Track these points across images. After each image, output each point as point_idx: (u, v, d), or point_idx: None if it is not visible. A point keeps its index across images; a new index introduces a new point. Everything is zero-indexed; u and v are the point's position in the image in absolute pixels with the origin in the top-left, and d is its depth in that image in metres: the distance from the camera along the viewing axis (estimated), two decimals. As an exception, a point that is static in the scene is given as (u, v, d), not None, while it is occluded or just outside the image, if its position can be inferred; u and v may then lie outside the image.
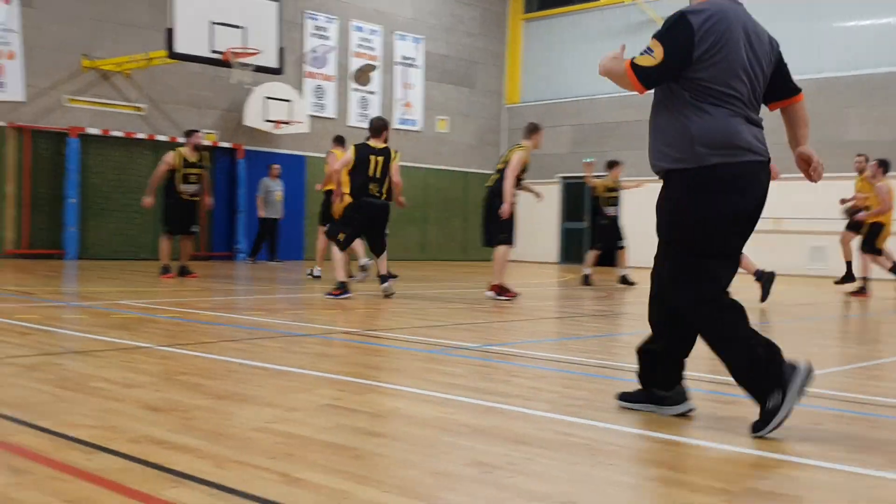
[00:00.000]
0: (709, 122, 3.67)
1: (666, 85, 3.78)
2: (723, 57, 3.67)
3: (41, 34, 17.08)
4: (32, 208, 17.06)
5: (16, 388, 4.17)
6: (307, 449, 3.19)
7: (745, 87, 3.75)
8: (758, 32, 3.85)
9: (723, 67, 3.67)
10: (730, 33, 3.69)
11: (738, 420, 3.91)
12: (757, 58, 3.80)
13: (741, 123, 3.73)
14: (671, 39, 3.69)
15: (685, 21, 3.69)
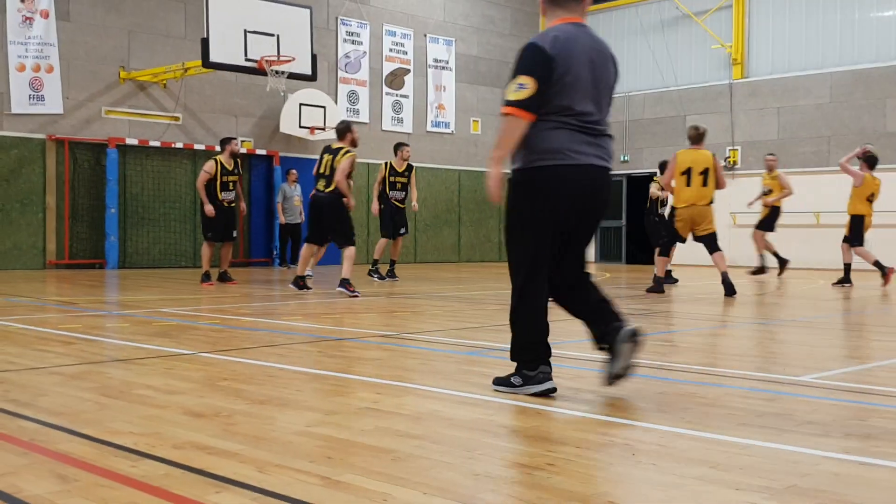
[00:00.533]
0: (537, 132, 4.22)
1: None
2: (571, 77, 4.18)
3: (78, 47, 17.33)
4: (73, 219, 17.31)
5: (60, 396, 4.24)
6: (347, 452, 3.21)
7: (588, 103, 4.26)
8: (601, 52, 4.35)
9: (568, 86, 4.18)
10: (575, 56, 4.20)
11: (779, 417, 3.88)
12: (600, 75, 4.30)
13: (563, 132, 4.23)
14: (535, 67, 4.16)
15: (539, 48, 4.19)
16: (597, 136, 4.33)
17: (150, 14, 18.20)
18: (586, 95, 4.24)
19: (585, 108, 4.26)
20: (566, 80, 4.17)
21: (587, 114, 4.27)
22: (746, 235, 21.37)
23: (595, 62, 4.28)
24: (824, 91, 20.39)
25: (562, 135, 4.23)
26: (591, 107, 4.28)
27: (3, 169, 16.48)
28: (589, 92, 4.26)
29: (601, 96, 4.34)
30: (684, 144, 22.31)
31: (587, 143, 4.28)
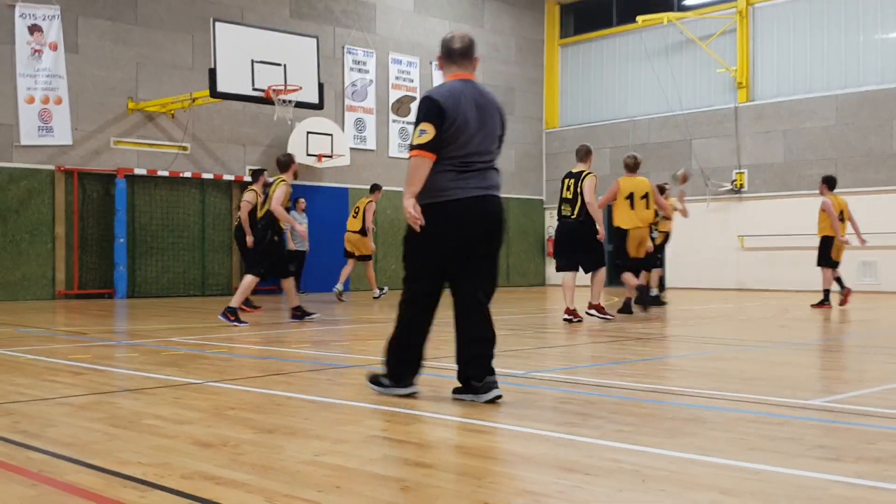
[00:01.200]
0: (431, 175, 4.92)
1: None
2: (457, 125, 4.90)
3: (86, 79, 17.47)
4: (82, 249, 17.37)
5: (69, 427, 4.24)
6: (356, 481, 3.20)
7: (474, 146, 4.96)
8: (488, 103, 5.08)
9: (456, 132, 4.91)
10: (462, 107, 4.93)
11: (789, 441, 3.86)
12: (486, 122, 5.02)
13: (450, 173, 4.93)
14: (432, 116, 4.91)
15: (435, 101, 4.94)
16: (481, 171, 5.00)
17: (157, 45, 18.35)
18: (472, 140, 4.95)
19: (471, 150, 4.96)
20: (455, 128, 4.90)
21: (472, 154, 4.97)
22: (754, 258, 21.37)
23: (481, 111, 5.00)
24: (830, 113, 20.41)
25: (448, 175, 4.92)
26: (476, 149, 4.97)
27: (13, 200, 16.57)
28: (475, 137, 4.96)
29: (488, 141, 5.05)
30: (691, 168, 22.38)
31: (472, 178, 4.96)
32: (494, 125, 5.10)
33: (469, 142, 4.95)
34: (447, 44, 5.18)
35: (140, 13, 18.15)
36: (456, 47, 5.14)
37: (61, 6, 17.06)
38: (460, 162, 4.94)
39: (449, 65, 5.17)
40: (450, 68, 5.17)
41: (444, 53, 5.19)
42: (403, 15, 22.47)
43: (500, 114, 5.17)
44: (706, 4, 22.93)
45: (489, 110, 5.08)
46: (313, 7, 20.77)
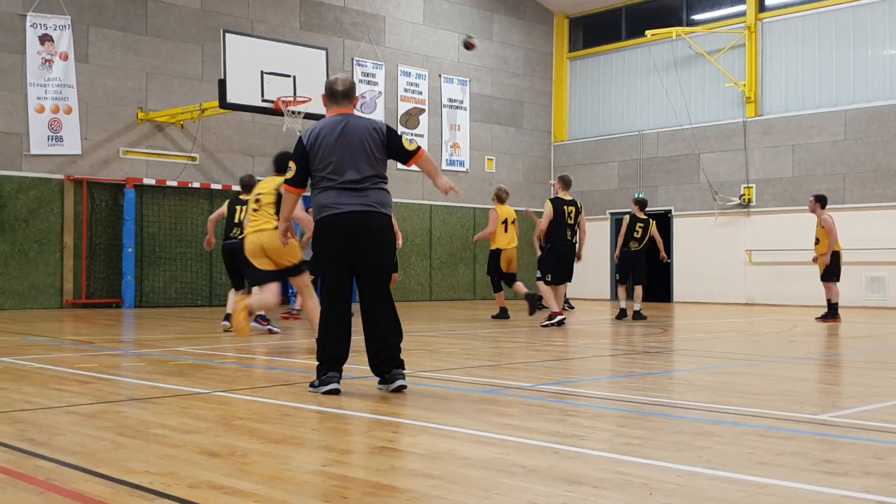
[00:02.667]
0: (316, 195, 5.80)
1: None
2: (320, 155, 5.75)
3: (97, 89, 17.56)
4: (90, 258, 17.42)
5: (77, 435, 4.25)
6: (363, 492, 3.20)
7: (348, 172, 5.72)
8: (356, 127, 5.80)
9: (320, 160, 5.75)
10: (325, 139, 5.74)
11: (796, 456, 3.85)
12: (352, 146, 5.75)
13: (331, 192, 5.73)
14: (296, 156, 5.87)
15: (301, 141, 5.86)
16: (359, 192, 5.72)
17: (167, 56, 18.44)
18: (343, 166, 5.71)
19: (345, 176, 5.71)
20: (324, 159, 5.72)
21: (347, 179, 5.71)
22: (763, 273, 21.33)
23: (351, 140, 5.74)
24: (839, 128, 20.40)
25: (329, 194, 5.73)
26: (351, 174, 5.71)
27: (22, 209, 16.64)
28: (345, 163, 5.71)
29: (358, 162, 5.74)
30: (698, 183, 22.38)
31: (350, 196, 5.70)
32: (375, 146, 5.81)
33: (340, 169, 5.71)
34: (331, 86, 5.92)
35: (151, 24, 18.24)
36: (339, 89, 5.90)
37: (72, 16, 17.16)
38: (338, 184, 5.72)
39: (331, 104, 5.95)
40: (330, 107, 5.96)
41: (328, 94, 5.93)
42: (413, 27, 22.54)
43: (379, 135, 5.85)
44: (715, 19, 22.96)
45: (363, 137, 5.80)
46: (323, 19, 20.85)
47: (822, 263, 14.22)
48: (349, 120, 5.86)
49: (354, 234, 5.71)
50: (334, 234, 5.72)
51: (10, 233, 16.53)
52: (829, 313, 14.09)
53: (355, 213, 5.70)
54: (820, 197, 14.42)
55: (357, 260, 5.75)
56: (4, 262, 16.44)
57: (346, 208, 5.70)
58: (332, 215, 5.70)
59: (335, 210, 5.70)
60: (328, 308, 5.75)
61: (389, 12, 22.11)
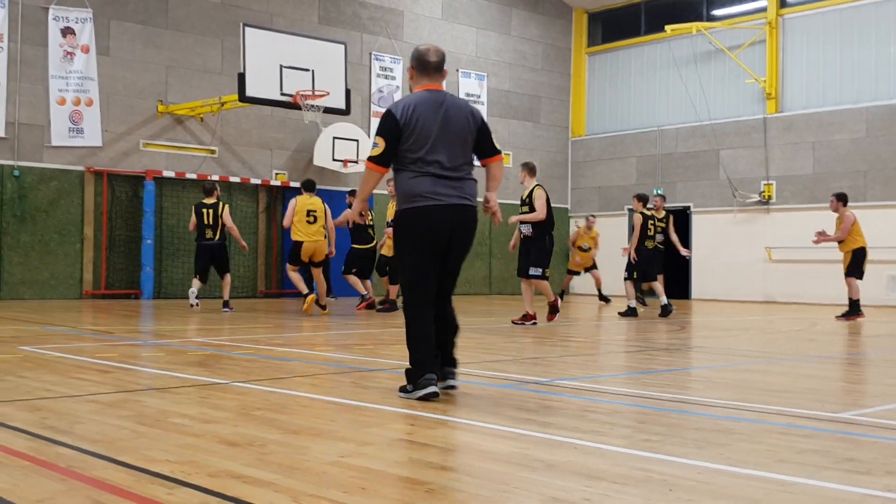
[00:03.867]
0: (406, 180, 5.22)
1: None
2: (416, 134, 5.15)
3: (117, 81, 17.64)
4: (109, 250, 17.51)
5: (97, 424, 4.27)
6: (380, 483, 3.20)
7: (440, 154, 5.19)
8: (456, 108, 5.30)
9: (414, 140, 5.16)
10: (423, 117, 5.16)
11: (818, 454, 3.82)
12: (448, 129, 5.21)
13: (426, 179, 5.18)
14: (385, 130, 5.18)
15: (391, 115, 5.20)
16: (455, 182, 5.24)
17: (187, 49, 18.49)
18: (440, 150, 5.18)
19: (437, 159, 5.18)
20: (419, 139, 5.16)
21: (445, 166, 5.20)
22: (782, 270, 21.20)
23: (453, 122, 5.22)
24: (860, 126, 20.25)
25: (424, 181, 5.17)
26: (443, 157, 5.19)
27: (43, 200, 16.74)
28: (443, 146, 5.19)
29: (455, 147, 5.24)
30: (717, 179, 22.27)
31: (447, 185, 5.20)
32: (465, 132, 5.30)
33: (434, 152, 5.18)
34: (422, 56, 5.37)
35: (171, 17, 18.31)
36: (432, 60, 5.38)
37: (94, 9, 17.24)
38: (433, 170, 5.19)
39: (419, 77, 5.40)
40: (419, 80, 5.40)
41: (418, 65, 5.39)
42: (431, 22, 22.52)
43: (473, 117, 5.36)
44: (736, 14, 22.83)
45: (458, 117, 5.29)
46: (342, 13, 20.86)
47: (845, 261, 14.13)
48: (448, 98, 5.35)
49: (451, 230, 5.25)
50: (431, 228, 5.20)
51: (31, 223, 16.63)
52: (850, 311, 14.00)
53: (454, 207, 5.23)
54: (841, 195, 14.34)
55: (445, 256, 5.31)
56: (25, 252, 16.55)
57: (445, 200, 5.20)
58: (431, 207, 5.17)
59: (434, 201, 5.18)
60: (419, 306, 5.24)
61: (408, 7, 22.10)
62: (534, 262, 11.68)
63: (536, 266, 11.68)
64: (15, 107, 16.53)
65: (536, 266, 11.68)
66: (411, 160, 5.19)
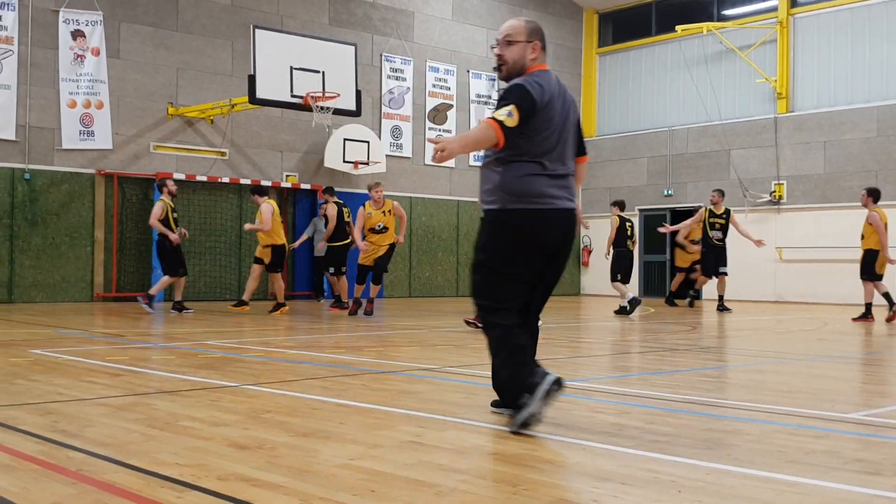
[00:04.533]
0: (520, 176, 4.44)
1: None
2: (545, 122, 4.43)
3: (127, 84, 17.70)
4: (120, 252, 17.57)
5: (107, 427, 4.29)
6: (390, 485, 3.21)
7: (559, 148, 4.52)
8: (567, 99, 4.60)
9: (542, 130, 4.43)
10: (552, 104, 4.47)
11: (827, 454, 3.81)
12: (568, 121, 4.57)
13: (543, 178, 4.46)
14: (524, 104, 4.37)
15: (527, 93, 4.40)
16: (563, 178, 4.56)
17: (197, 52, 18.55)
18: (557, 142, 4.52)
19: (555, 154, 4.51)
20: (543, 127, 4.44)
21: (557, 159, 4.53)
22: (793, 271, 21.13)
23: (565, 107, 4.56)
24: (871, 125, 20.16)
25: (539, 181, 4.46)
26: (559, 152, 4.53)
27: (54, 203, 16.81)
28: (558, 138, 4.52)
29: (569, 140, 4.61)
30: (728, 179, 22.21)
31: (559, 186, 4.52)
32: (575, 122, 4.69)
33: (555, 147, 4.50)
34: (542, 31, 4.65)
35: (181, 19, 18.36)
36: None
37: (104, 12, 17.30)
38: (549, 167, 4.49)
39: (542, 53, 4.62)
40: (540, 57, 4.61)
41: (542, 40, 4.63)
42: (441, 23, 22.54)
43: (575, 113, 4.72)
44: (746, 14, 22.77)
45: (570, 106, 4.64)
46: (352, 15, 20.89)
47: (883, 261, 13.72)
48: (562, 84, 4.65)
49: (561, 241, 4.58)
50: (542, 235, 4.49)
51: (42, 226, 16.71)
52: (864, 313, 13.74)
53: (567, 213, 4.56)
54: (872, 190, 13.93)
55: (545, 268, 4.61)
56: (36, 255, 16.62)
57: (560, 204, 4.52)
58: (547, 211, 4.47)
59: (551, 204, 4.48)
60: (505, 316, 4.49)
61: (418, 8, 22.11)
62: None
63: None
64: (25, 110, 16.60)
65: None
66: (532, 153, 4.45)
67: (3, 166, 16.43)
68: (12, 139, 16.46)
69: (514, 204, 4.43)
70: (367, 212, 13.63)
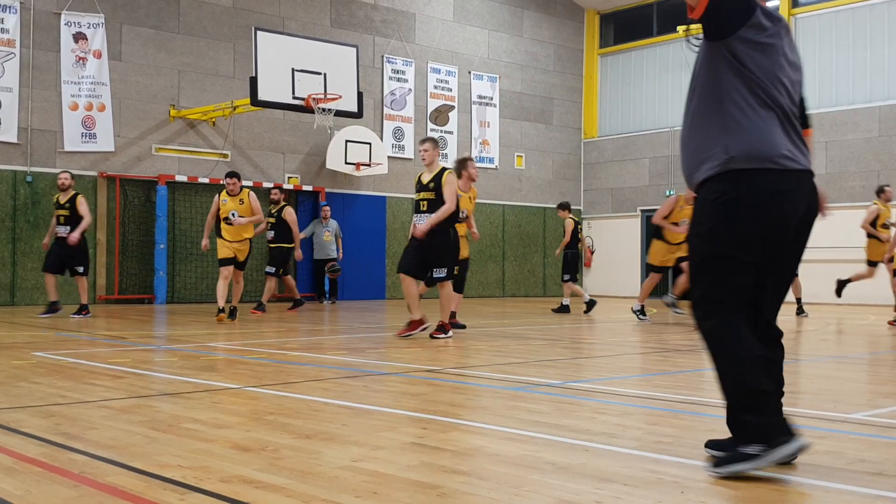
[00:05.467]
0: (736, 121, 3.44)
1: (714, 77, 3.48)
2: (769, 48, 3.42)
3: (129, 86, 17.71)
4: (123, 255, 17.58)
5: (110, 429, 4.29)
6: (393, 487, 3.20)
7: (788, 90, 3.49)
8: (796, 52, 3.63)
9: (766, 59, 3.42)
10: (778, 29, 3.48)
11: (830, 455, 3.80)
12: (796, 68, 3.58)
13: (776, 128, 3.44)
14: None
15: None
16: (799, 136, 3.52)
17: (199, 54, 18.56)
18: (785, 85, 3.47)
19: (786, 102, 3.46)
20: (768, 55, 3.42)
21: (791, 109, 3.49)
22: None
23: (793, 51, 3.57)
24: (873, 125, 20.15)
25: (776, 132, 3.40)
26: (793, 98, 3.52)
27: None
28: (788, 80, 3.49)
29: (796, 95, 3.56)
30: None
31: (800, 143, 3.49)
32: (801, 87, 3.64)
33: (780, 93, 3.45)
34: None
35: (183, 22, 18.38)
36: None
37: (106, 14, 17.32)
38: (782, 110, 3.45)
39: None
40: None
41: None
42: (443, 24, 22.54)
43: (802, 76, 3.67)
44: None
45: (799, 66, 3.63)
46: (353, 16, 20.90)
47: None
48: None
49: (804, 214, 3.50)
50: (787, 206, 3.42)
51: (44, 229, 16.69)
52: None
53: (810, 177, 3.52)
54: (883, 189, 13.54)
55: (785, 249, 3.51)
56: (39, 258, 16.61)
57: (801, 164, 3.45)
58: (786, 173, 3.40)
59: (791, 163, 3.41)
60: (732, 314, 3.50)
61: (419, 9, 22.12)
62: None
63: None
64: (27, 112, 16.62)
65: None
66: (756, 89, 3.40)
67: (5, 169, 16.44)
68: (14, 142, 16.48)
69: (741, 164, 3.40)
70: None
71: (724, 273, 3.45)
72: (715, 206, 3.43)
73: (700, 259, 3.53)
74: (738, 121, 3.41)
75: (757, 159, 3.37)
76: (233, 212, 12.37)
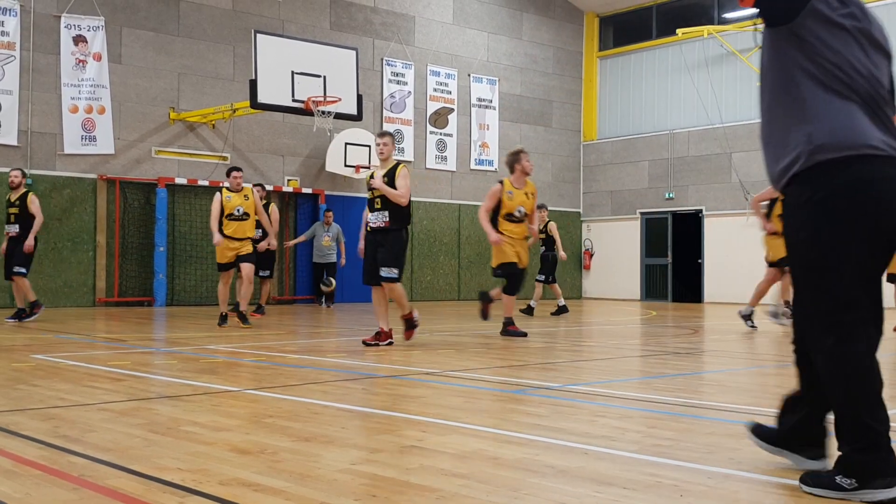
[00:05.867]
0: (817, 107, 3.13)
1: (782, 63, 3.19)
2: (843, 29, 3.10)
3: (129, 89, 17.72)
4: (122, 257, 17.58)
5: (109, 432, 4.29)
6: (392, 490, 3.20)
7: (865, 83, 3.12)
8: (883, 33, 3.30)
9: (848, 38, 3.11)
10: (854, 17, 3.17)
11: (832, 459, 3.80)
12: (884, 49, 3.24)
13: (862, 114, 3.10)
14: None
15: None
16: (887, 114, 3.16)
17: (199, 56, 18.57)
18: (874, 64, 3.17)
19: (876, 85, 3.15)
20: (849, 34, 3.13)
21: (882, 93, 3.15)
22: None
23: (880, 30, 3.29)
24: None
25: (863, 120, 3.08)
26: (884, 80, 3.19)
27: (56, 208, 16.82)
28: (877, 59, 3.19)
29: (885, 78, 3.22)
30: (729, 182, 22.19)
31: (890, 124, 3.14)
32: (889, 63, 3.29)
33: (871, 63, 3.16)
34: None
35: (183, 24, 18.39)
36: None
37: (105, 17, 17.33)
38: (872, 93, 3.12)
39: None
40: None
41: None
42: (442, 27, 22.56)
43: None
44: (747, 17, 22.76)
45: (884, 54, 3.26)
46: (353, 19, 20.91)
47: None
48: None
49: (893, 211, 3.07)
50: (883, 195, 3.04)
51: (44, 231, 16.67)
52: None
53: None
54: None
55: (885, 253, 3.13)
56: (38, 260, 16.58)
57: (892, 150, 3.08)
58: (883, 159, 3.06)
59: (885, 150, 3.07)
60: (853, 330, 3.09)
61: (419, 12, 22.14)
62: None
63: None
64: (27, 115, 16.63)
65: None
66: (830, 75, 3.09)
67: (5, 171, 16.44)
68: (14, 144, 16.49)
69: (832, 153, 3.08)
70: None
71: (833, 285, 3.08)
72: (808, 209, 3.09)
73: (803, 270, 3.18)
74: (816, 108, 3.10)
75: (846, 147, 3.03)
76: (238, 207, 12.22)
